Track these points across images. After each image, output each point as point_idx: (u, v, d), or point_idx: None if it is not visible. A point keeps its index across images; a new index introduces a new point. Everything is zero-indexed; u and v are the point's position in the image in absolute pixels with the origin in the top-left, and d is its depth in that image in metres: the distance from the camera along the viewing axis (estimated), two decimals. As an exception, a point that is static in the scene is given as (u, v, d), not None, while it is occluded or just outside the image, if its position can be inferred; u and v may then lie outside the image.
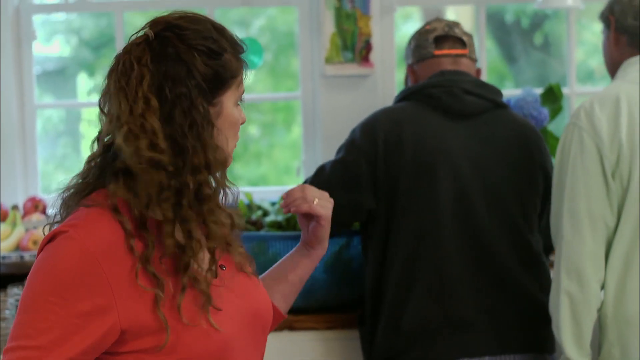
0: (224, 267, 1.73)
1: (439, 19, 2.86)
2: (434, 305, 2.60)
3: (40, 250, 1.62)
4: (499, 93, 2.78)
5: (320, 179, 2.71)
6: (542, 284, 2.68)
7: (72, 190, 1.68)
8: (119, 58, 1.65)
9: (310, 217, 1.93)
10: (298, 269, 1.95)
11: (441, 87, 2.70)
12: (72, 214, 1.64)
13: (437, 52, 2.78)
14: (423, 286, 2.60)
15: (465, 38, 2.82)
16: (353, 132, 2.76)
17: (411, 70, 2.84)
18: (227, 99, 1.68)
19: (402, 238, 2.63)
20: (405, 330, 2.60)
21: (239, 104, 1.71)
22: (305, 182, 2.78)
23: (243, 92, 1.72)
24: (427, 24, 2.86)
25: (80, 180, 1.68)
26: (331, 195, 2.74)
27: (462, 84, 2.71)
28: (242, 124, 1.72)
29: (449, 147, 2.65)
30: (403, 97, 2.77)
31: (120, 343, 1.61)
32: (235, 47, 1.69)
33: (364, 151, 2.67)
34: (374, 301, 2.68)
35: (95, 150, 1.68)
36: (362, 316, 2.77)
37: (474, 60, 2.83)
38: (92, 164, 1.68)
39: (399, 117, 2.70)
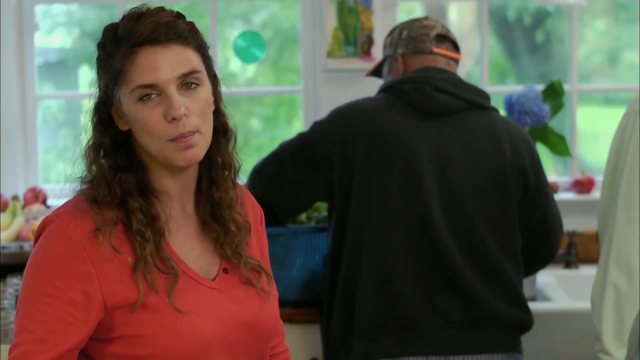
0: (227, 270, 1.75)
1: (431, 19, 2.81)
2: (379, 302, 2.57)
3: (36, 240, 1.67)
4: (480, 94, 2.69)
5: (281, 145, 2.73)
6: (497, 292, 2.61)
7: None
8: None
9: None
10: None
11: (414, 83, 2.65)
12: (64, 202, 1.70)
13: (436, 50, 2.74)
14: (368, 282, 2.57)
15: (457, 44, 2.80)
16: (328, 115, 2.72)
17: (402, 60, 2.76)
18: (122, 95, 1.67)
19: (349, 233, 2.61)
20: (353, 324, 2.59)
21: (144, 99, 1.65)
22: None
23: (145, 84, 1.64)
24: (423, 19, 2.80)
25: None
26: (281, 165, 2.79)
27: (436, 81, 2.64)
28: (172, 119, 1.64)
29: (408, 144, 2.59)
30: (381, 90, 2.74)
31: (103, 328, 1.64)
32: (127, 39, 1.64)
33: (325, 140, 2.64)
34: (330, 292, 2.67)
35: None
36: (323, 305, 2.76)
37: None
38: None
39: (362, 110, 2.66)
